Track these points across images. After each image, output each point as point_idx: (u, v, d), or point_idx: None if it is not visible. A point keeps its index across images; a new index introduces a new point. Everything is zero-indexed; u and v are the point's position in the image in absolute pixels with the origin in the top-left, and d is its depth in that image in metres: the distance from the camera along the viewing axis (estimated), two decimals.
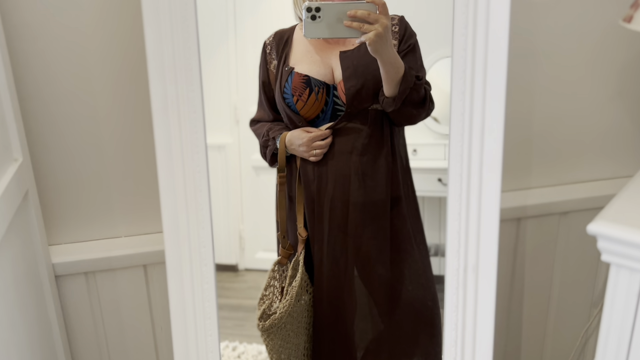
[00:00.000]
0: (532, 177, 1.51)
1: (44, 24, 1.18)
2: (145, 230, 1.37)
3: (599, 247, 0.96)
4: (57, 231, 1.33)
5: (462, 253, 1.01)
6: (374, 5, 1.07)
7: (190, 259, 1.03)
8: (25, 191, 1.18)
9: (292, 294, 1.27)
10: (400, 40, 1.21)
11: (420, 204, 1.34)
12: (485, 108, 0.94)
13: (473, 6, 0.91)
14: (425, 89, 1.20)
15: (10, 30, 1.17)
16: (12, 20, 1.16)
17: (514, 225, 1.50)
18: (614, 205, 1.01)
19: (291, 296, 1.27)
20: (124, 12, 1.21)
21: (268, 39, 1.29)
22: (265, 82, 1.30)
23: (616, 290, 0.97)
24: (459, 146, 0.97)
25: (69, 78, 1.23)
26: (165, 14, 0.91)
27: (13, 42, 1.17)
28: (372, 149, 1.24)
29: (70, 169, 1.29)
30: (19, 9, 1.16)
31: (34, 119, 1.24)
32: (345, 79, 1.20)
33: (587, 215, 1.01)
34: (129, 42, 1.23)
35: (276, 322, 1.27)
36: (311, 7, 1.07)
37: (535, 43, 1.40)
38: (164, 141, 0.98)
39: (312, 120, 1.25)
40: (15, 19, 1.16)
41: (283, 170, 1.29)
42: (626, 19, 1.06)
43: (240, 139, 1.51)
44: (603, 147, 1.51)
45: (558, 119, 1.47)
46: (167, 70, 0.94)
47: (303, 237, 1.29)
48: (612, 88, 1.47)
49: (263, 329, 1.28)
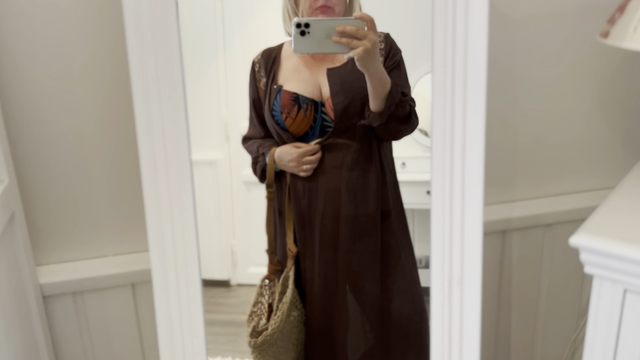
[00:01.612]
0: (517, 190, 1.52)
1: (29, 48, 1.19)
2: (133, 249, 1.37)
3: (581, 260, 0.97)
4: (44, 251, 1.32)
5: (446, 267, 1.01)
6: (362, 22, 1.08)
7: (177, 278, 1.03)
8: (12, 212, 1.18)
9: (283, 310, 1.27)
10: (386, 57, 1.22)
11: (410, 216, 1.35)
12: (466, 124, 0.95)
13: (452, 24, 0.92)
14: (410, 105, 1.22)
15: None
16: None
17: (500, 238, 1.51)
18: (596, 217, 1.02)
19: (282, 312, 1.27)
20: (107, 27, 1.22)
21: (256, 57, 1.31)
22: (255, 100, 1.31)
23: (600, 301, 0.98)
24: (440, 162, 0.98)
25: (54, 100, 1.23)
26: (148, 40, 0.92)
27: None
28: (361, 164, 1.24)
29: (56, 188, 1.29)
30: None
31: (20, 140, 1.24)
32: (332, 96, 1.21)
33: (571, 227, 1.02)
34: (115, 68, 1.24)
35: (267, 339, 1.26)
36: (300, 23, 1.08)
37: (515, 59, 1.42)
38: (149, 161, 0.98)
39: (301, 136, 1.26)
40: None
41: (272, 185, 1.30)
42: (603, 34, 1.07)
43: (230, 154, 1.51)
44: (586, 159, 1.53)
45: (541, 131, 1.49)
46: (152, 92, 0.95)
47: (293, 252, 1.29)
48: (593, 101, 1.49)
49: (255, 346, 1.28)
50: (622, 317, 0.96)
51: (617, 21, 1.04)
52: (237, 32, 1.45)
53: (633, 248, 0.91)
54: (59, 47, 1.21)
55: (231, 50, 1.46)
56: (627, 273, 0.92)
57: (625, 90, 1.49)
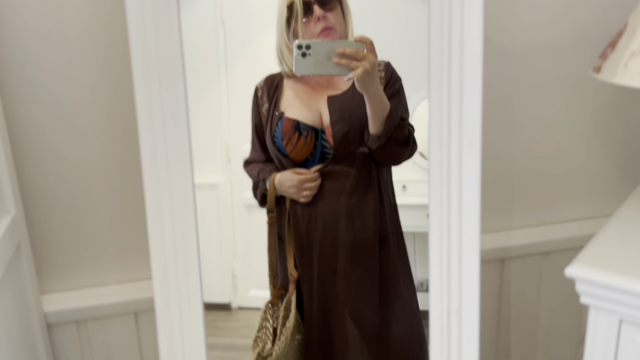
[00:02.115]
0: (515, 218, 1.53)
1: (36, 83, 1.22)
2: (136, 277, 1.38)
3: (577, 290, 0.98)
4: (48, 280, 1.33)
5: (444, 298, 1.02)
6: (362, 44, 1.10)
7: (180, 307, 1.04)
8: (18, 242, 1.19)
9: (286, 335, 1.28)
10: (386, 85, 1.24)
11: (411, 239, 1.35)
12: (462, 155, 0.97)
13: (447, 59, 0.94)
14: (409, 130, 1.23)
15: (4, 86, 1.20)
16: (6, 77, 1.20)
17: (498, 266, 1.52)
18: (591, 248, 1.03)
19: (286, 337, 1.28)
20: (114, 66, 1.24)
21: (259, 84, 1.32)
22: (257, 125, 1.32)
23: (596, 331, 0.98)
24: (438, 192, 0.99)
25: (60, 133, 1.25)
26: (154, 69, 0.95)
27: (8, 101, 1.21)
28: (360, 191, 1.26)
29: (61, 218, 1.30)
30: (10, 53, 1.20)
31: (27, 172, 1.26)
32: (332, 123, 1.23)
33: (569, 255, 1.03)
34: (120, 101, 1.26)
35: None
36: (302, 45, 1.10)
37: (512, 89, 1.44)
38: (154, 192, 1.00)
39: (302, 162, 1.27)
40: (8, 75, 1.20)
41: (272, 210, 1.31)
42: (595, 69, 1.10)
43: (232, 177, 1.51)
44: (583, 187, 1.54)
45: (538, 160, 1.50)
46: (157, 126, 0.96)
47: (294, 277, 1.30)
48: (589, 131, 1.51)
49: None
50: (618, 347, 0.97)
51: (608, 57, 1.06)
52: (239, 56, 1.46)
53: (628, 279, 0.92)
54: (66, 79, 1.23)
55: (233, 74, 1.47)
56: (623, 304, 0.93)
57: (621, 121, 1.51)
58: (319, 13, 1.19)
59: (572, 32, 1.42)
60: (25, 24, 1.18)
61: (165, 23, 0.94)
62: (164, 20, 0.94)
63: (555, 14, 1.40)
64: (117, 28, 1.22)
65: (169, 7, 0.94)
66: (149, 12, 0.93)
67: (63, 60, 1.22)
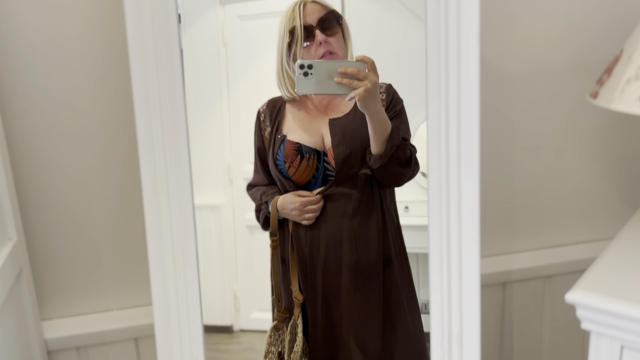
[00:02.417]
0: (516, 242, 1.53)
1: (40, 111, 1.23)
2: (136, 303, 1.38)
3: (578, 316, 0.98)
4: (49, 306, 1.34)
5: (445, 324, 1.02)
6: (363, 64, 1.11)
7: (180, 335, 1.04)
8: (20, 269, 1.20)
9: (295, 359, 1.28)
10: (388, 106, 1.25)
11: (414, 260, 1.35)
12: (461, 180, 0.98)
13: (445, 84, 0.95)
14: (411, 150, 1.24)
15: (7, 113, 1.22)
16: (10, 104, 1.22)
17: (500, 290, 1.52)
18: (592, 273, 1.03)
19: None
20: (117, 97, 1.26)
21: (262, 107, 1.34)
22: (260, 149, 1.33)
23: (598, 357, 0.98)
24: (437, 218, 1.00)
25: (62, 161, 1.27)
26: (155, 105, 0.96)
27: (10, 129, 1.22)
28: (362, 212, 1.26)
29: (62, 244, 1.31)
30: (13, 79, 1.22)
31: (29, 199, 1.27)
32: (334, 146, 1.24)
33: (571, 278, 1.03)
34: (121, 129, 1.28)
35: None
36: (304, 65, 1.11)
37: (510, 113, 1.45)
38: (154, 220, 1.00)
39: (304, 185, 1.28)
40: (12, 103, 1.22)
41: (275, 234, 1.31)
42: (592, 94, 1.10)
43: (234, 198, 1.52)
44: (583, 211, 1.55)
45: (538, 184, 1.51)
46: (157, 154, 0.97)
47: (299, 300, 1.30)
48: (588, 154, 1.52)
49: None
50: None
51: (605, 83, 1.07)
52: (241, 78, 1.48)
53: (629, 305, 0.92)
54: (69, 107, 1.25)
55: (235, 95, 1.49)
56: (624, 330, 0.93)
57: (619, 144, 1.52)
58: (321, 38, 1.21)
59: (569, 56, 1.44)
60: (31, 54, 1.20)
61: (166, 51, 0.96)
62: (165, 49, 0.96)
63: (552, 38, 1.42)
64: (117, 55, 1.24)
65: (170, 32, 0.95)
66: (149, 42, 0.95)
67: (66, 93, 1.24)
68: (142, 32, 0.94)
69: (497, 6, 1.38)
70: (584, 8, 1.41)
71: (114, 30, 1.22)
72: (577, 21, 1.42)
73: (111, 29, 1.22)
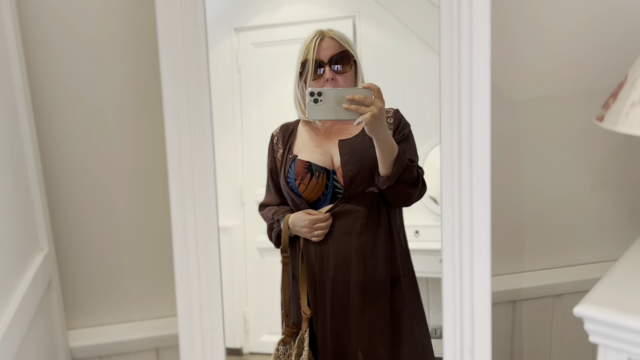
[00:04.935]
0: (526, 261, 1.55)
1: (71, 125, 1.28)
2: (158, 315, 1.40)
3: (586, 329, 1.01)
4: (75, 316, 1.36)
5: (457, 335, 1.06)
6: (369, 91, 1.16)
7: (203, 343, 1.08)
8: (50, 279, 1.24)
9: None
10: (395, 130, 1.29)
11: (424, 285, 1.36)
12: (473, 201, 1.02)
13: (457, 111, 1.01)
14: (418, 172, 1.27)
15: (42, 128, 1.26)
16: (44, 118, 1.27)
17: (510, 308, 1.54)
18: (599, 288, 1.06)
19: None
20: (146, 115, 1.31)
21: (275, 131, 1.38)
22: (272, 169, 1.38)
23: None
24: (450, 235, 1.04)
25: (92, 175, 1.31)
26: (184, 122, 1.02)
27: (44, 145, 1.27)
28: (370, 230, 1.29)
29: (89, 255, 1.34)
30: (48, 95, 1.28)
31: (59, 211, 1.30)
32: (343, 164, 1.28)
33: (579, 297, 1.05)
34: (149, 145, 1.32)
35: None
36: (314, 92, 1.17)
37: (519, 138, 1.49)
38: (180, 232, 1.05)
39: (314, 202, 1.32)
40: (47, 116, 1.27)
41: (286, 250, 1.34)
42: (599, 118, 1.15)
43: (245, 221, 1.54)
44: (592, 232, 1.56)
45: (547, 206, 1.53)
46: (185, 168, 1.02)
47: (307, 315, 1.32)
48: (595, 177, 1.54)
49: None
50: None
51: (610, 107, 1.12)
52: (254, 103, 1.50)
53: (635, 319, 0.95)
54: (101, 127, 1.29)
55: (247, 120, 1.51)
56: (631, 342, 0.96)
57: (625, 167, 1.55)
58: (329, 75, 1.26)
59: (576, 83, 1.47)
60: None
61: (196, 73, 1.03)
62: (195, 71, 1.02)
63: (560, 66, 1.46)
64: (147, 72, 1.29)
65: (199, 56, 1.02)
66: (180, 63, 1.02)
67: (99, 111, 1.29)
68: (174, 55, 1.01)
69: (507, 36, 1.42)
70: (590, 37, 1.45)
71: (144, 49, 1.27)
72: (584, 49, 1.46)
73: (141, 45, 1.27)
